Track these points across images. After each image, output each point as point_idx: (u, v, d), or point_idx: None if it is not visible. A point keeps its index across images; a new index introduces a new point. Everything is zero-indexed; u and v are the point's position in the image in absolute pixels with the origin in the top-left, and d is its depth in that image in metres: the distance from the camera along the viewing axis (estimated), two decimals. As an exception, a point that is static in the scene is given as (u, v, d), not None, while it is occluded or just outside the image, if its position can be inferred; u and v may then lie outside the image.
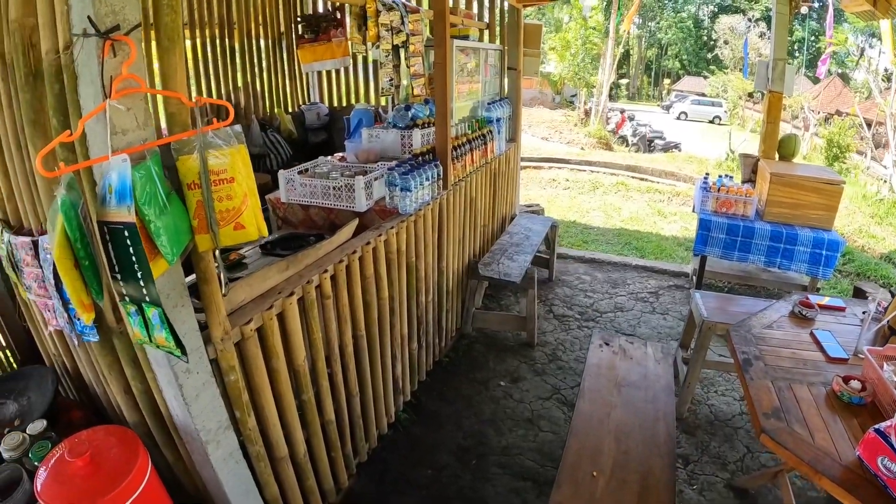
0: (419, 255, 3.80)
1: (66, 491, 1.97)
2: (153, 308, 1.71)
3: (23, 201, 2.62)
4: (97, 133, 1.78)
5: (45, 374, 3.15)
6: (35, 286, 2.57)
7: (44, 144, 2.17)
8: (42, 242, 2.31)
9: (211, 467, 2.36)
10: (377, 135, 4.44)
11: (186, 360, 1.83)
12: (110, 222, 1.67)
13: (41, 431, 2.66)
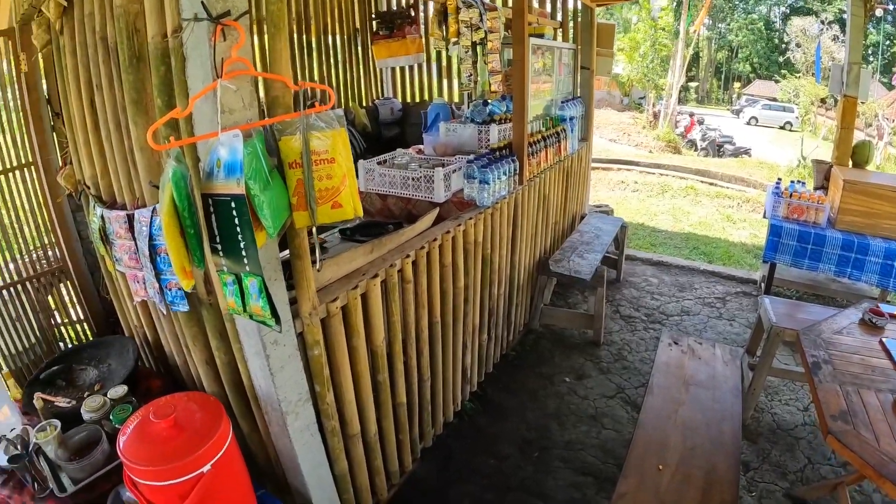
0: (494, 248, 3.85)
1: (149, 450, 2.08)
2: (252, 278, 1.80)
3: (118, 178, 2.77)
4: (204, 111, 1.90)
5: (125, 343, 3.32)
6: (126, 258, 2.70)
7: (145, 123, 2.32)
8: (137, 216, 2.43)
9: (288, 438, 2.46)
10: (454, 129, 4.52)
11: (280, 329, 1.92)
12: (216, 194, 1.77)
13: (122, 396, 2.82)
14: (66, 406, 2.96)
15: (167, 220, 1.78)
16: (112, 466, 2.58)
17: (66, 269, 4.72)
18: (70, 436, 2.70)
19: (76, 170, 3.38)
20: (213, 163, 1.78)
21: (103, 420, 2.76)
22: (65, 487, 2.55)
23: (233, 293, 1.92)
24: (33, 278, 4.68)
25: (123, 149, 2.61)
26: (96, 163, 2.96)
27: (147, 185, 2.41)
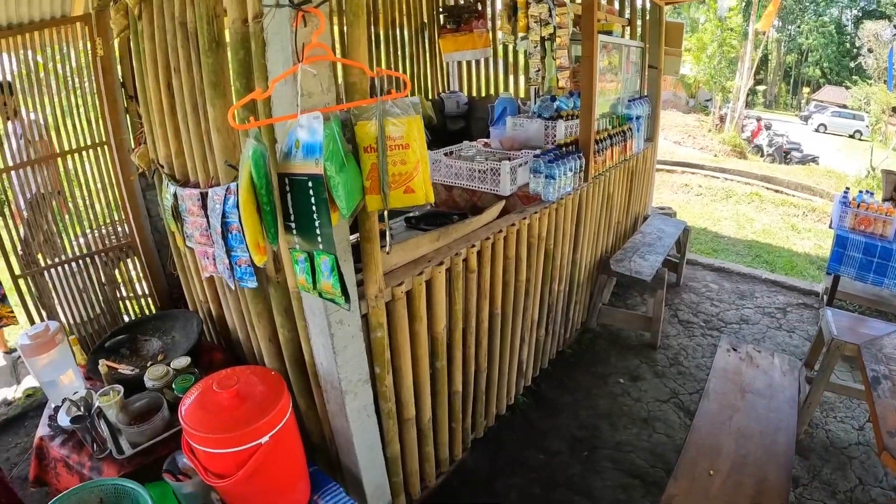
0: (557, 244, 3.88)
1: (211, 418, 2.16)
2: (325, 256, 1.87)
3: (192, 157, 2.88)
4: (283, 94, 1.98)
5: (190, 317, 3.44)
6: (197, 235, 2.80)
7: (223, 105, 2.41)
8: (211, 194, 2.52)
9: (345, 417, 2.54)
10: (521, 124, 4.56)
11: (348, 307, 1.99)
12: (293, 174, 1.85)
13: (185, 367, 2.94)
14: (130, 373, 3.09)
15: (245, 196, 1.85)
16: (170, 433, 2.69)
17: (134, 244, 4.88)
18: (131, 401, 2.82)
19: (150, 149, 3.50)
20: (292, 143, 1.85)
21: (165, 389, 2.87)
22: (123, 450, 2.66)
23: (304, 270, 1.99)
24: (102, 252, 4.86)
25: (199, 130, 2.71)
26: (171, 143, 3.07)
27: (223, 165, 2.49)
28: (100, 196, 4.78)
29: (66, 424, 2.89)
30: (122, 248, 4.92)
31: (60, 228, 4.79)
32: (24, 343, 3.02)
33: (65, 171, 4.68)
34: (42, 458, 3.11)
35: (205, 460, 2.21)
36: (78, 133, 4.63)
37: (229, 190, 2.36)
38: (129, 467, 2.62)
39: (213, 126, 2.49)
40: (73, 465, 2.78)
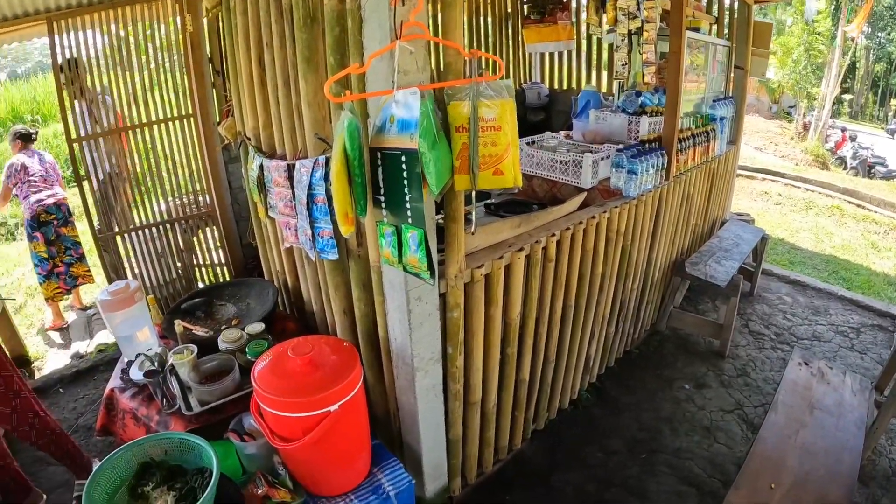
0: (634, 241, 3.85)
1: (283, 382, 2.23)
2: (413, 230, 1.92)
3: (280, 130, 2.96)
4: (379, 70, 2.02)
5: (265, 286, 3.54)
6: (281, 206, 2.88)
7: (315, 80, 2.48)
8: (298, 166, 2.59)
9: (413, 394, 2.59)
10: (604, 117, 4.54)
11: (433, 282, 2.03)
12: (385, 148, 1.90)
13: (259, 332, 3.03)
14: (204, 335, 3.20)
15: (338, 166, 1.91)
16: (239, 395, 2.79)
17: (214, 214, 5.02)
18: (203, 361, 2.93)
19: (238, 122, 3.60)
20: (386, 118, 1.90)
21: (237, 352, 2.96)
22: (191, 407, 2.78)
23: (390, 244, 2.04)
24: (182, 220, 5.02)
25: (290, 104, 2.78)
26: (259, 116, 3.16)
27: (312, 138, 2.56)
28: (183, 166, 4.94)
29: (137, 378, 3.00)
30: (201, 217, 5.08)
31: (143, 194, 4.97)
32: (104, 298, 3.15)
33: (150, 140, 4.85)
34: (111, 409, 3.24)
35: (272, 423, 2.29)
36: (165, 105, 4.80)
37: (317, 162, 2.43)
38: (195, 424, 2.73)
39: (304, 100, 2.56)
40: (141, 417, 2.89)
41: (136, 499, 2.29)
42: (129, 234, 4.93)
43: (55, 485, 3.94)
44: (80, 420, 4.68)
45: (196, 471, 2.33)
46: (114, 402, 3.20)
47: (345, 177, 1.93)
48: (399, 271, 2.18)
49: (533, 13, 6.84)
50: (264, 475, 2.40)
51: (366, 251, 2.54)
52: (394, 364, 2.64)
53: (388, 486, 2.52)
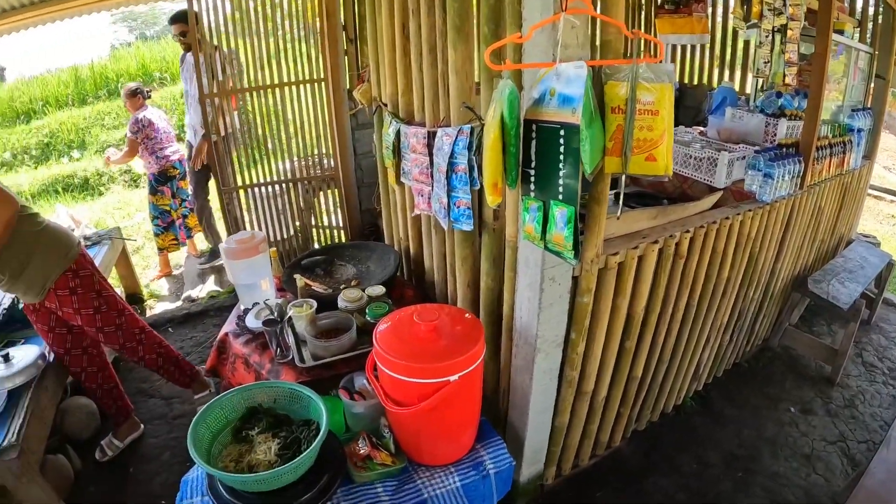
0: (762, 248, 3.69)
1: (405, 346, 2.23)
2: (562, 207, 1.88)
3: (421, 97, 2.95)
4: (538, 42, 1.97)
5: (387, 251, 3.58)
6: (416, 172, 2.88)
7: (465, 48, 2.47)
8: (441, 134, 2.57)
9: (529, 375, 2.55)
10: (741, 116, 4.38)
11: (575, 262, 1.99)
12: (542, 121, 1.86)
13: (379, 295, 3.05)
14: (323, 292, 3.24)
15: (494, 134, 1.88)
16: (353, 354, 2.82)
17: (337, 178, 5.11)
18: (320, 318, 2.98)
19: (374, 87, 3.63)
20: (545, 91, 1.85)
21: (356, 312, 2.98)
22: (304, 360, 2.82)
23: (534, 220, 2.01)
24: (304, 180, 5.11)
25: (434, 72, 2.78)
26: (399, 82, 3.17)
27: (458, 107, 2.54)
28: (311, 128, 5.02)
29: (253, 326, 3.07)
30: (324, 180, 5.17)
31: (269, 152, 5.11)
32: (230, 246, 3.23)
33: (279, 101, 4.97)
34: (222, 352, 3.33)
35: (388, 385, 2.29)
36: (299, 67, 4.91)
37: (462, 131, 2.41)
38: (306, 377, 2.77)
39: (451, 68, 2.54)
40: (253, 363, 2.95)
41: (239, 441, 2.35)
42: (252, 189, 5.06)
43: (154, 416, 4.15)
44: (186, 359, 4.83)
45: (302, 422, 2.36)
46: (226, 346, 3.28)
47: (500, 146, 1.90)
48: (537, 248, 2.15)
49: (668, 3, 6.62)
50: (369, 436, 2.42)
51: (501, 225, 2.52)
52: (514, 342, 2.61)
53: (490, 464, 2.50)
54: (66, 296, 3.15)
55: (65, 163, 11.72)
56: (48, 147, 12.49)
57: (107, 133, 11.88)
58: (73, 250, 3.15)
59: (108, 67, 14.64)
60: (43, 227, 3.09)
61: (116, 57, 15.64)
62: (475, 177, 2.43)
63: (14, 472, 2.85)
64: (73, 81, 14.47)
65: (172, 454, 3.85)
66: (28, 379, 3.24)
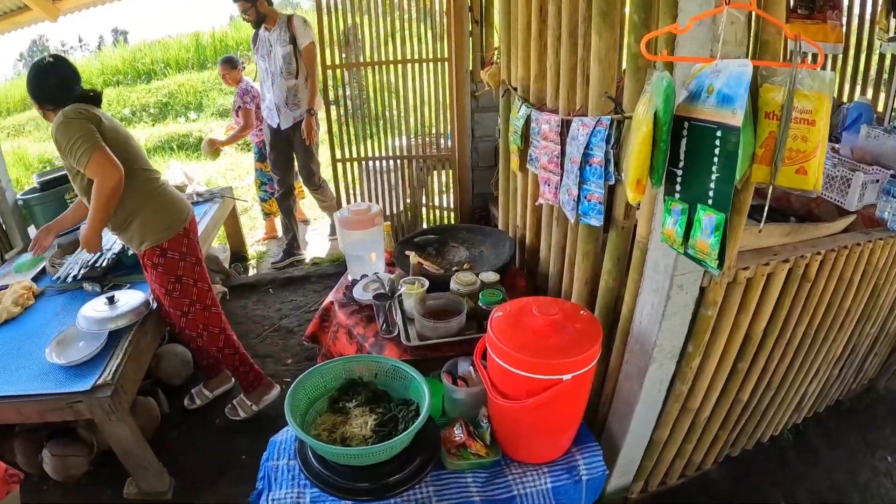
0: (886, 281, 3.48)
1: (521, 338, 2.16)
2: (711, 213, 1.76)
3: (555, 84, 2.86)
4: (695, 35, 1.85)
5: (502, 238, 3.52)
6: (545, 160, 2.79)
7: (610, 35, 2.35)
8: (577, 123, 2.46)
9: (640, 384, 2.45)
10: (877, 136, 4.14)
11: (718, 273, 1.87)
12: (696, 119, 1.75)
13: (493, 282, 2.98)
14: (435, 272, 3.19)
15: (646, 129, 1.78)
16: (459, 339, 2.77)
17: (452, 159, 5.10)
18: (430, 297, 2.94)
19: (503, 70, 3.55)
20: (702, 88, 1.74)
21: (468, 296, 2.92)
22: (409, 338, 2.79)
23: (676, 223, 1.90)
24: (419, 158, 5.10)
25: (573, 58, 2.67)
26: (532, 67, 3.09)
27: (597, 97, 2.44)
28: (430, 107, 5.00)
29: (360, 297, 3.06)
30: (439, 160, 5.15)
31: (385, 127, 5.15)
32: (344, 216, 3.22)
33: (401, 78, 5.02)
34: (325, 320, 3.33)
35: (497, 376, 2.23)
36: (423, 46, 4.93)
37: (601, 122, 2.31)
38: (409, 355, 2.74)
39: (594, 56, 2.43)
40: (357, 335, 2.94)
41: (335, 412, 2.35)
42: (366, 161, 5.09)
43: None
44: (283, 321, 4.92)
45: (401, 401, 2.34)
46: (330, 315, 3.28)
47: (650, 139, 1.80)
48: (669, 252, 2.04)
49: (801, 6, 6.28)
50: (466, 423, 2.37)
51: (630, 223, 2.42)
52: (628, 347, 2.50)
53: (583, 469, 2.42)
54: (149, 267, 3.28)
55: (181, 122, 12.25)
56: (166, 106, 13.07)
57: (224, 97, 12.36)
58: (169, 231, 3.23)
59: (229, 35, 15.47)
60: (153, 196, 3.21)
61: (237, 26, 16.29)
62: (610, 171, 2.32)
63: (105, 410, 2.95)
64: (195, 46, 15.42)
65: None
66: (130, 323, 3.35)
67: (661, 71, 1.81)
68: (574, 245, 2.81)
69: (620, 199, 2.40)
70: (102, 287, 3.86)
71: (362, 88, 5.03)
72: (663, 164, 1.83)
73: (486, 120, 5.13)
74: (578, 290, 2.80)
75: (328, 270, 5.71)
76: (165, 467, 3.43)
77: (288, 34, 4.93)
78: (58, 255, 4.21)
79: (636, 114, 1.84)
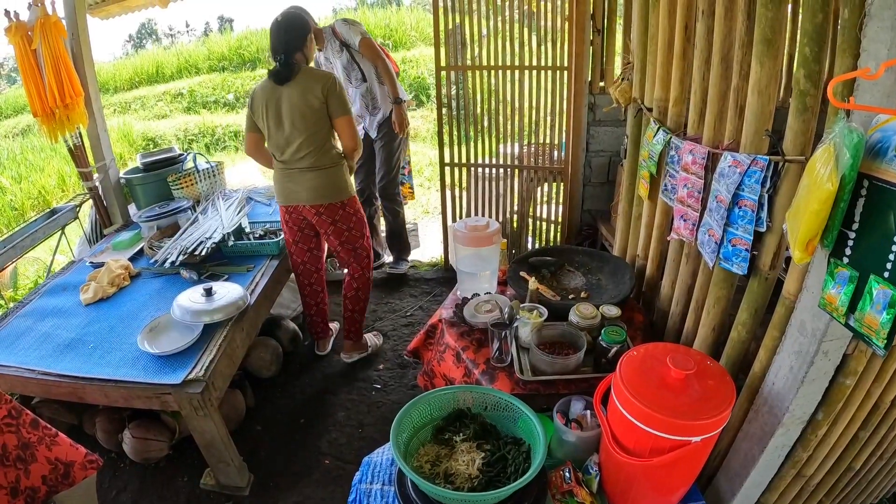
0: None
1: (652, 391, 1.99)
2: (886, 286, 1.55)
3: (699, 111, 2.66)
4: (882, 82, 1.63)
5: (623, 267, 3.34)
6: (684, 193, 2.60)
7: (773, 66, 2.13)
8: (729, 158, 2.26)
9: (760, 448, 2.27)
10: None
11: (884, 353, 1.66)
12: (879, 179, 1.55)
13: (615, 317, 2.80)
14: (552, 299, 3.03)
15: (832, 187, 1.58)
16: (575, 378, 2.60)
17: (565, 172, 4.96)
18: (546, 326, 2.76)
19: (636, 88, 3.37)
20: (889, 144, 1.53)
21: (587, 330, 2.76)
22: (523, 370, 2.63)
23: (841, 290, 1.70)
24: (530, 168, 4.96)
25: (724, 84, 2.46)
26: (672, 88, 2.89)
27: (755, 132, 2.22)
28: (545, 117, 4.84)
29: (471, 319, 2.93)
30: (550, 172, 4.98)
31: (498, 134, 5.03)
32: (460, 230, 3.10)
33: (517, 84, 4.85)
34: (430, 337, 3.20)
35: (619, 427, 2.08)
36: (543, 53, 4.74)
37: (757, 162, 2.11)
38: (521, 389, 2.59)
39: (752, 86, 2.20)
40: (466, 359, 2.80)
41: (440, 442, 2.22)
42: (475, 168, 4.97)
43: (336, 373, 4.37)
44: (377, 324, 4.81)
45: (511, 438, 2.21)
46: (437, 333, 3.16)
47: (832, 201, 1.61)
48: (822, 315, 1.84)
49: None
50: (575, 469, 2.22)
51: (775, 275, 2.21)
52: (754, 406, 2.30)
53: (688, 529, 2.24)
54: (352, 213, 3.96)
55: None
56: (270, 93, 13.34)
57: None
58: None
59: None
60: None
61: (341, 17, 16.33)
62: (763, 217, 2.12)
63: (193, 405, 2.93)
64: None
65: (347, 415, 3.86)
66: (226, 317, 3.34)
67: (850, 123, 1.61)
68: (705, 288, 2.60)
69: (768, 247, 2.19)
70: (200, 275, 3.86)
71: (476, 92, 4.89)
72: (839, 225, 1.64)
73: (602, 134, 4.92)
74: (704, 336, 2.60)
75: (425, 275, 5.66)
76: (245, 462, 3.41)
77: (337, 42, 4.78)
78: (156, 237, 4.22)
79: (815, 168, 1.63)
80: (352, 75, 4.92)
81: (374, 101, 5.00)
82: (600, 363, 2.65)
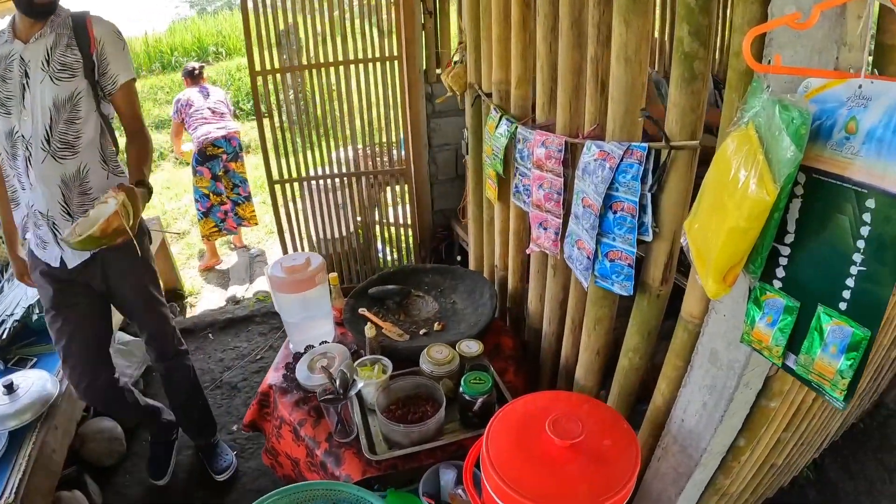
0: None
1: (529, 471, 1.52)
2: (843, 322, 1.05)
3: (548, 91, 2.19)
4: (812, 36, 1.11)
5: (480, 284, 2.82)
6: (540, 195, 2.10)
7: (643, 26, 1.61)
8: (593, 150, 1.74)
9: (677, 490, 1.84)
10: None
11: (843, 406, 1.15)
12: (822, 171, 1.04)
13: (476, 355, 2.32)
14: (398, 339, 2.47)
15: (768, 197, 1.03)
16: (438, 445, 2.04)
17: (407, 172, 4.39)
18: (396, 380, 2.19)
19: (471, 71, 2.86)
20: (839, 123, 1.00)
21: (444, 377, 2.20)
22: (374, 447, 2.06)
23: (774, 324, 1.18)
24: (369, 174, 4.38)
25: (577, 55, 1.94)
26: (514, 68, 2.35)
27: (626, 113, 1.70)
28: (379, 114, 4.26)
29: (306, 381, 2.30)
30: (392, 174, 4.41)
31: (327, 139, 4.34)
32: (277, 275, 2.47)
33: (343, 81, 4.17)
34: (264, 407, 2.57)
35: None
36: (368, 44, 4.12)
37: (632, 152, 1.59)
38: (375, 469, 2.01)
39: (617, 53, 1.66)
40: (305, 437, 2.19)
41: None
42: (307, 181, 4.32)
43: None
44: (225, 375, 4.14)
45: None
46: (270, 403, 2.50)
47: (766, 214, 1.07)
48: (739, 346, 1.36)
49: None
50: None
51: (668, 290, 1.73)
52: (663, 444, 1.84)
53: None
54: None
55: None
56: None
57: (160, 108, 11.25)
58: None
59: (163, 41, 14.45)
60: None
61: (172, 31, 15.51)
62: (646, 222, 1.61)
63: None
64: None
65: (209, 494, 3.28)
66: (36, 416, 2.59)
67: (767, 86, 1.10)
68: (581, 305, 2.09)
69: (657, 258, 1.68)
70: (7, 363, 3.03)
71: (300, 94, 4.22)
72: (770, 243, 1.13)
73: (445, 126, 4.41)
74: (588, 362, 2.10)
75: (273, 307, 4.92)
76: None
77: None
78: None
79: (727, 163, 1.11)
80: None
81: None
82: (467, 417, 2.09)
